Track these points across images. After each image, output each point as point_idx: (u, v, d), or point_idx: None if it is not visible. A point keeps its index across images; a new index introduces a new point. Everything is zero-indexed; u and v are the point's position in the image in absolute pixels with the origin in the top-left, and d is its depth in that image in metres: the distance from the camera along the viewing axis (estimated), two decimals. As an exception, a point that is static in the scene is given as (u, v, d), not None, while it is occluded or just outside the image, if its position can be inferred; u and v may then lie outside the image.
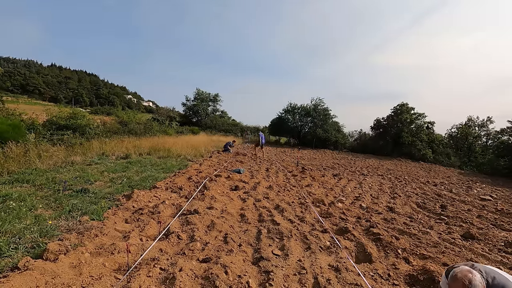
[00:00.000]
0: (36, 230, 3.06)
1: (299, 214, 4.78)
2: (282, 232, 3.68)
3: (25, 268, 2.25)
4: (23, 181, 5.00)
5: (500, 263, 3.33)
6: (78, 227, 3.30)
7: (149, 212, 4.06)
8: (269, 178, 7.86)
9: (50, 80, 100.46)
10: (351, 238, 3.78)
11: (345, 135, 29.36)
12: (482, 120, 27.55)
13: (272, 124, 31.23)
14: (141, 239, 3.20)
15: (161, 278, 2.41)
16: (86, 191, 4.69)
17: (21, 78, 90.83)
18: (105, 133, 12.28)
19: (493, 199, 8.11)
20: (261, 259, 2.91)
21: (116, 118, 19.64)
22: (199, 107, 34.17)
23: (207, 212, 4.20)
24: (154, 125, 18.91)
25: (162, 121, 24.06)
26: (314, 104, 28.85)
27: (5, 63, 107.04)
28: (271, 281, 2.50)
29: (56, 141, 8.82)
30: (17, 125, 7.85)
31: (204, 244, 3.17)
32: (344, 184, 8.35)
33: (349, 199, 6.35)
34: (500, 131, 23.40)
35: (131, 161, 8.31)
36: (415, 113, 25.36)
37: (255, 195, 5.70)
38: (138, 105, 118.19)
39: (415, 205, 6.45)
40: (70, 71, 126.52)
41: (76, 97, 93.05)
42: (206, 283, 2.41)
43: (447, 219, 5.36)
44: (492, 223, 5.34)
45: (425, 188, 9.24)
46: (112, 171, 6.59)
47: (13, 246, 2.71)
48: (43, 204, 3.97)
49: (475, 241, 4.22)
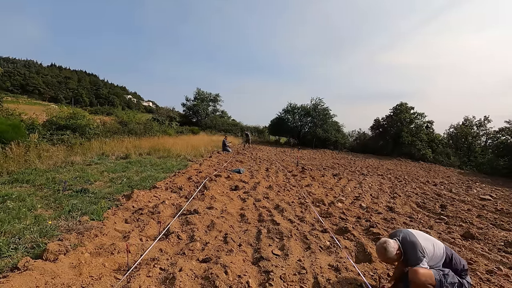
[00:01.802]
0: (36, 230, 3.06)
1: (299, 214, 4.78)
2: (282, 232, 3.68)
3: (25, 268, 2.25)
4: (23, 181, 5.00)
5: (500, 263, 3.33)
6: (78, 227, 3.30)
7: (149, 212, 4.06)
8: (269, 178, 7.86)
9: (50, 80, 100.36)
10: (351, 238, 3.78)
11: (345, 135, 29.36)
12: (479, 120, 27.60)
13: (272, 124, 31.22)
14: (141, 239, 3.20)
15: (161, 278, 2.41)
16: (86, 191, 4.69)
17: (21, 78, 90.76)
18: (105, 133, 12.26)
19: (493, 198, 8.11)
20: (261, 259, 2.91)
21: (116, 118, 19.62)
22: (199, 107, 34.16)
23: (207, 212, 4.20)
24: (154, 125, 18.89)
25: (162, 121, 24.04)
26: (314, 104, 28.84)
27: (5, 63, 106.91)
28: (271, 281, 2.50)
29: (56, 141, 8.82)
30: (17, 125, 7.84)
31: (204, 244, 3.17)
32: (344, 184, 8.35)
33: (349, 199, 6.35)
34: (498, 130, 23.40)
35: (131, 161, 8.30)
36: (414, 113, 25.36)
37: (255, 195, 5.70)
38: (138, 105, 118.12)
39: (415, 205, 6.45)
40: (70, 71, 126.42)
41: (76, 97, 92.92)
42: (206, 283, 2.41)
43: (447, 219, 5.36)
44: (492, 222, 5.34)
45: (425, 188, 9.24)
46: (112, 171, 6.59)
47: (13, 246, 2.71)
48: (43, 204, 3.97)
49: (475, 240, 4.22)
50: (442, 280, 2.07)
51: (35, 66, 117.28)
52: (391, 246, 2.18)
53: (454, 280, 2.10)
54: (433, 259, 2.17)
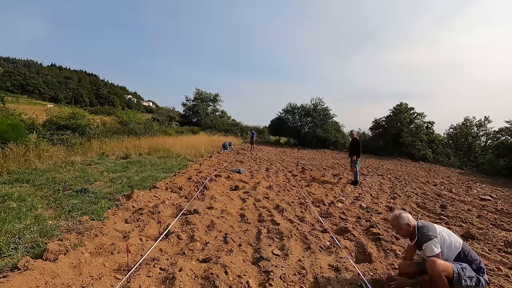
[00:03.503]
0: (36, 230, 3.05)
1: (299, 214, 4.78)
2: (282, 232, 3.68)
3: (25, 268, 2.25)
4: (23, 181, 4.99)
5: (500, 263, 3.33)
6: (78, 227, 3.30)
7: (149, 212, 4.06)
8: (269, 178, 7.87)
9: (50, 80, 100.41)
10: (351, 238, 3.78)
11: (345, 135, 29.37)
12: (479, 120, 27.61)
13: (272, 124, 31.26)
14: (141, 239, 3.20)
15: (161, 278, 2.41)
16: (86, 191, 4.69)
17: (21, 78, 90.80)
18: (105, 133, 12.27)
19: (493, 199, 8.11)
20: (261, 259, 2.91)
21: (116, 118, 19.63)
22: (199, 107, 34.19)
23: (207, 212, 4.20)
24: (154, 125, 18.91)
25: (162, 121, 24.08)
26: (314, 104, 28.87)
27: (5, 63, 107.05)
28: (271, 281, 2.50)
29: (56, 141, 8.82)
30: (17, 125, 7.84)
31: (204, 244, 3.17)
32: (344, 184, 8.35)
33: (349, 199, 6.35)
34: (498, 130, 23.41)
35: (131, 161, 8.31)
36: (414, 113, 25.37)
37: (255, 195, 5.70)
38: (138, 105, 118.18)
39: (415, 205, 6.45)
40: (70, 71, 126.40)
41: (76, 97, 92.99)
42: (206, 283, 2.41)
43: (447, 219, 5.36)
44: (492, 223, 5.34)
45: (425, 188, 9.24)
46: (112, 171, 6.59)
47: (13, 246, 2.71)
48: (43, 204, 3.97)
49: (475, 241, 4.22)
50: (460, 273, 2.04)
51: (35, 66, 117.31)
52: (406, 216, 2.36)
53: (471, 275, 2.07)
54: (447, 246, 2.17)
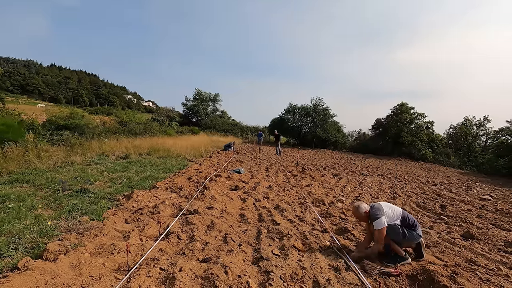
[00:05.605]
0: (36, 230, 3.06)
1: (299, 214, 4.78)
2: (282, 232, 3.69)
3: (25, 268, 2.25)
4: (23, 181, 5.00)
5: (500, 263, 3.33)
6: (78, 227, 3.30)
7: (149, 212, 4.06)
8: (269, 178, 7.86)
9: (50, 80, 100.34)
10: (351, 238, 3.78)
11: (345, 135, 29.38)
12: (478, 120, 27.62)
13: (272, 124, 31.21)
14: (141, 239, 3.20)
15: (161, 278, 2.41)
16: (86, 191, 4.69)
17: (21, 78, 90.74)
18: (104, 133, 12.27)
19: (493, 198, 8.11)
20: (261, 259, 2.91)
21: (116, 118, 19.65)
22: (199, 107, 34.18)
23: (207, 212, 4.20)
24: (154, 125, 18.91)
25: (162, 121, 24.08)
26: (314, 104, 28.86)
27: (5, 63, 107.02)
28: (271, 281, 2.50)
29: (55, 141, 8.82)
30: (12, 124, 7.83)
31: (204, 244, 3.16)
32: (344, 184, 8.35)
33: (349, 199, 6.35)
34: (498, 130, 23.41)
35: (131, 161, 8.31)
36: (414, 113, 25.36)
37: (255, 195, 5.70)
38: (138, 105, 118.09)
39: (415, 205, 6.45)
40: (70, 71, 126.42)
41: (76, 97, 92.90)
42: (206, 283, 2.41)
43: (446, 219, 5.36)
44: (492, 222, 5.34)
45: (425, 188, 9.24)
46: (112, 171, 6.59)
47: (12, 246, 2.71)
48: (43, 204, 3.97)
49: (475, 240, 4.22)
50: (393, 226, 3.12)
51: (35, 66, 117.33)
52: (363, 206, 3.24)
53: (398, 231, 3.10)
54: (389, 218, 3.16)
